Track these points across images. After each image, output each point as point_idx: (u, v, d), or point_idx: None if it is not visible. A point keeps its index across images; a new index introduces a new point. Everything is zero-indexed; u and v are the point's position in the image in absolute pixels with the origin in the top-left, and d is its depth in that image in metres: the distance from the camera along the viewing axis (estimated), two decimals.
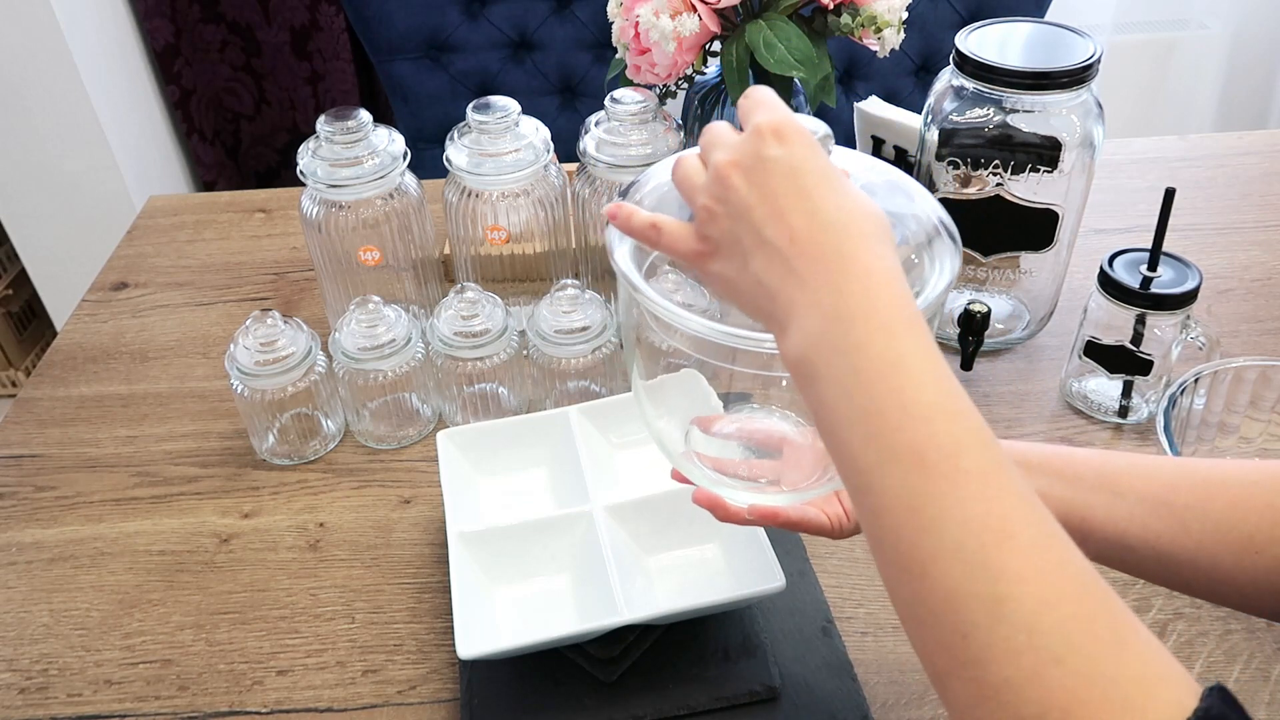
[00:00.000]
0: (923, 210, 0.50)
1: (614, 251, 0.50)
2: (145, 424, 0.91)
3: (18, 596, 0.76)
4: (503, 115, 0.85)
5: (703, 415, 0.60)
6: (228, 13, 1.73)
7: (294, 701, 0.68)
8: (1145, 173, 1.18)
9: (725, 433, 0.61)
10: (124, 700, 0.68)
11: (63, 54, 1.52)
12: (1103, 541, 0.50)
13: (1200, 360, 0.77)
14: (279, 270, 1.10)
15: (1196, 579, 0.49)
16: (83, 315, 1.05)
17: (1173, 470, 0.50)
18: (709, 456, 0.60)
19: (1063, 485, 0.50)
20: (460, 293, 0.82)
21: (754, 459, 0.60)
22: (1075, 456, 0.52)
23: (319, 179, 0.84)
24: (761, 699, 0.65)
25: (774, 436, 0.60)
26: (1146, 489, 0.49)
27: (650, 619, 0.63)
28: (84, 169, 1.62)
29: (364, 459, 0.86)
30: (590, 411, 0.78)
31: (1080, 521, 0.50)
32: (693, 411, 0.60)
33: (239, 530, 0.80)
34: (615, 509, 0.70)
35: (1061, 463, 0.51)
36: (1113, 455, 0.52)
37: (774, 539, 0.67)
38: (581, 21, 1.56)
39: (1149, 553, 0.49)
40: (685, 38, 0.90)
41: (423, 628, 0.72)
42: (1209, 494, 0.48)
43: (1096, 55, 0.79)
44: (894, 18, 0.89)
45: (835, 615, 0.70)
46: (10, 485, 0.85)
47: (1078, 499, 0.50)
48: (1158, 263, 0.79)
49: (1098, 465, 0.51)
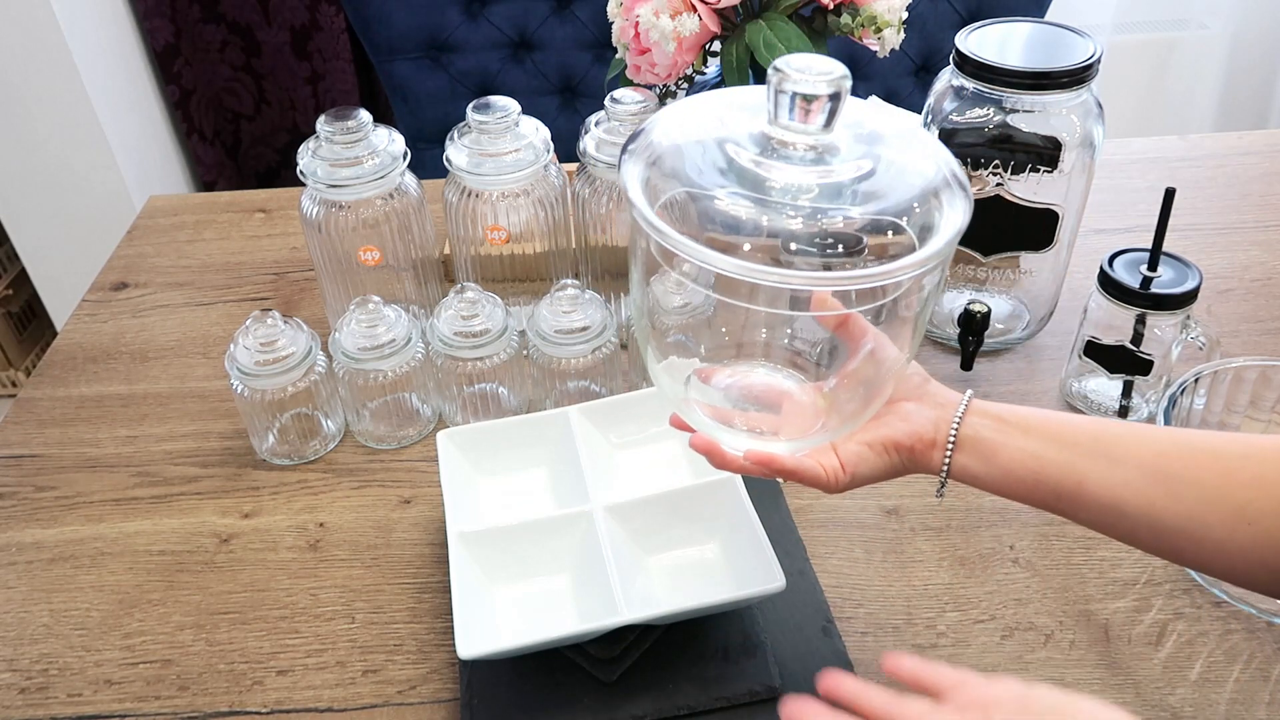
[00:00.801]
0: (935, 158, 0.51)
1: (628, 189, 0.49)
2: (145, 424, 0.91)
3: (18, 596, 0.76)
4: (503, 115, 0.85)
5: (703, 366, 0.60)
6: (228, 13, 1.73)
7: (294, 701, 0.68)
8: (1145, 173, 1.18)
9: (724, 385, 0.60)
10: (124, 700, 0.68)
11: (63, 54, 1.52)
12: (1097, 507, 0.51)
13: (1200, 360, 0.77)
14: (279, 270, 1.10)
15: (1187, 548, 0.49)
16: (83, 315, 1.05)
17: (1167, 439, 0.50)
18: (708, 405, 0.59)
19: (1059, 449, 0.52)
20: (460, 293, 0.82)
21: (753, 411, 0.60)
22: (1073, 421, 0.53)
23: (319, 179, 0.84)
24: (761, 699, 0.65)
25: (773, 391, 0.60)
26: (1142, 456, 0.50)
27: (650, 619, 0.63)
28: (84, 169, 1.62)
29: (364, 459, 0.86)
30: (590, 411, 0.78)
31: (1076, 485, 0.51)
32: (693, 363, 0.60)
33: (239, 530, 0.80)
34: (615, 509, 0.70)
35: (1059, 427, 0.52)
36: (1110, 422, 0.53)
37: (774, 539, 0.67)
38: (581, 21, 1.56)
39: (1142, 519, 0.50)
40: (685, 38, 0.90)
41: (423, 628, 0.72)
42: (1202, 463, 0.49)
43: (1096, 55, 0.79)
44: (894, 18, 0.89)
45: (835, 615, 0.70)
46: (10, 485, 0.85)
47: (1075, 463, 0.51)
48: (1158, 263, 0.79)
49: (1095, 431, 0.52)
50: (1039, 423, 0.53)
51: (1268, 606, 0.68)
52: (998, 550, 0.75)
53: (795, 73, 0.48)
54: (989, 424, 0.54)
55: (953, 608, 0.71)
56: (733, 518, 0.70)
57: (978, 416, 0.55)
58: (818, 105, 0.48)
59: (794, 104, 0.48)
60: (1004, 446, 0.53)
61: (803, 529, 0.77)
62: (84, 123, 1.58)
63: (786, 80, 0.48)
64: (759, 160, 0.50)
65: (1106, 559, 0.74)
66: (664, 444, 0.79)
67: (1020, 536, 0.76)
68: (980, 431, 0.54)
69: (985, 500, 0.79)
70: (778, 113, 0.49)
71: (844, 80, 0.48)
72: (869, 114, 0.52)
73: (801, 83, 0.48)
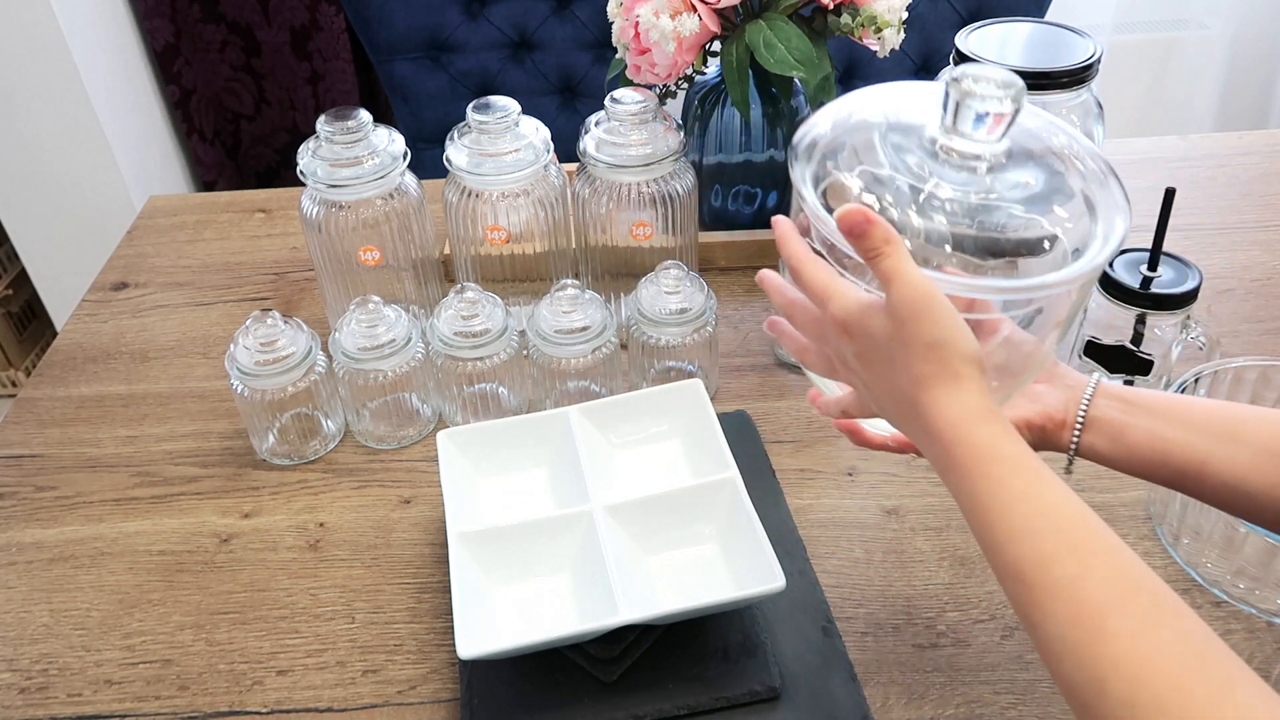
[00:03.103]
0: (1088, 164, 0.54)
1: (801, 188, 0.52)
2: (145, 424, 0.91)
3: (18, 596, 0.76)
4: (503, 115, 0.85)
5: None
6: (228, 13, 1.73)
7: (294, 701, 0.68)
8: (1145, 173, 1.18)
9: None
10: (124, 700, 0.68)
11: (63, 54, 1.51)
12: (1220, 487, 0.52)
13: (1200, 360, 0.77)
14: (279, 270, 1.10)
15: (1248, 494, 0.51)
16: (83, 315, 1.05)
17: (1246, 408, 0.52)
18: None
19: (1184, 430, 0.53)
20: (460, 293, 0.82)
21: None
22: (1198, 404, 0.54)
23: (319, 179, 0.84)
24: (762, 699, 0.65)
25: None
26: (1268, 438, 0.51)
27: (650, 619, 0.63)
28: (84, 169, 1.62)
29: (364, 459, 0.86)
30: (590, 411, 0.78)
31: (1200, 466, 0.52)
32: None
33: (239, 530, 0.80)
34: (615, 509, 0.70)
35: (1185, 409, 0.54)
36: (1233, 405, 0.55)
37: (774, 539, 0.67)
38: (581, 21, 1.55)
39: (1267, 500, 0.51)
40: (685, 38, 0.90)
41: (423, 628, 0.72)
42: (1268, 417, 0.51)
43: (1096, 55, 0.79)
44: (894, 18, 0.89)
45: (835, 615, 0.70)
46: (10, 485, 0.85)
47: (1199, 445, 0.52)
48: (1158, 263, 0.79)
49: (1219, 412, 0.53)
50: (1165, 405, 0.54)
51: (1267, 606, 0.68)
52: None
53: (978, 86, 0.49)
54: (1116, 405, 0.56)
55: (953, 608, 0.71)
56: (733, 518, 0.70)
57: (1105, 398, 0.57)
58: (999, 120, 0.49)
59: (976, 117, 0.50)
60: (1130, 427, 0.55)
61: (803, 529, 0.77)
62: (84, 123, 1.58)
63: (970, 97, 0.49)
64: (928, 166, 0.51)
65: None
66: (664, 444, 0.79)
67: None
68: (1107, 412, 0.56)
69: None
70: (957, 123, 0.50)
71: (1023, 94, 0.49)
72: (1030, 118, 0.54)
73: (987, 100, 0.49)
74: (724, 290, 1.02)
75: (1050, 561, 0.43)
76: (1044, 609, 0.42)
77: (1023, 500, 0.45)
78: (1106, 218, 0.51)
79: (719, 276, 1.04)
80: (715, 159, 1.03)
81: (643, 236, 0.88)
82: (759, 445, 0.84)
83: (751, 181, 1.04)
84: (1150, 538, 0.75)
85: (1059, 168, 0.53)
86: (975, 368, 0.47)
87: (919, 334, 0.47)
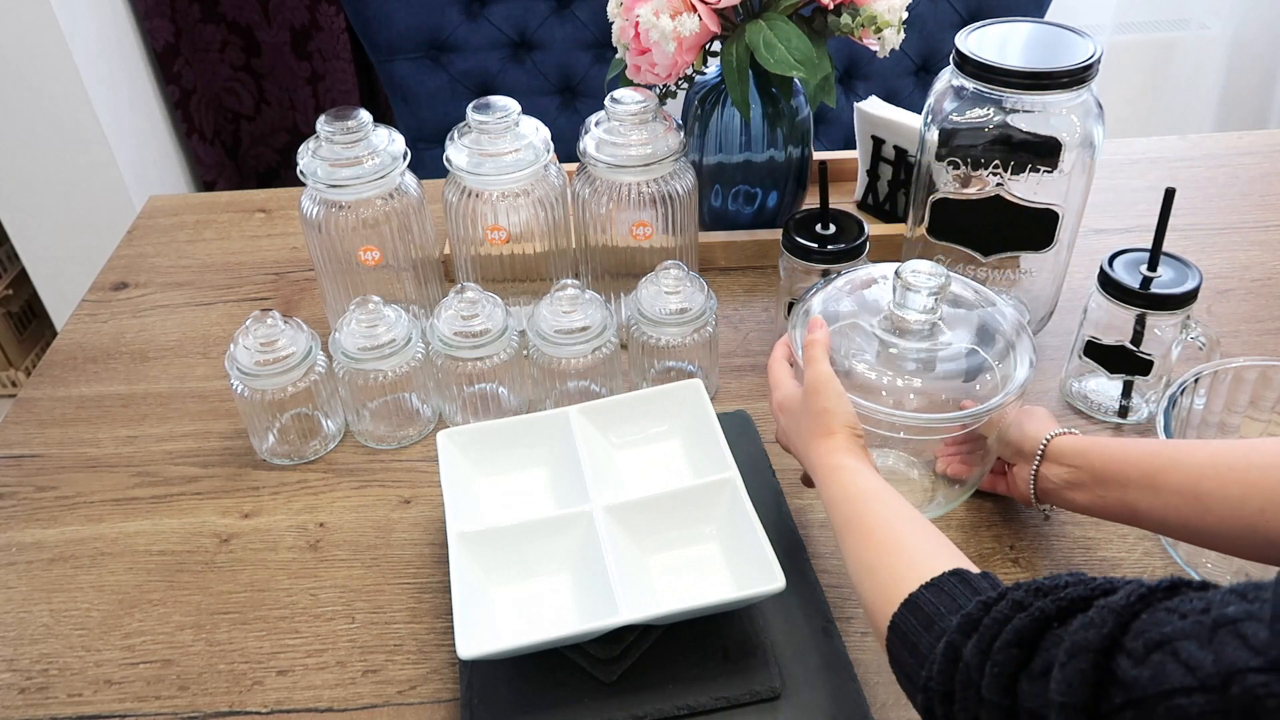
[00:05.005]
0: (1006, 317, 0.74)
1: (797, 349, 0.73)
2: (145, 424, 0.91)
3: (18, 596, 0.76)
4: (503, 115, 0.85)
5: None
6: (228, 13, 1.73)
7: (294, 701, 0.68)
8: (1145, 173, 1.18)
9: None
10: (124, 700, 0.68)
11: (63, 54, 1.52)
12: (1151, 525, 0.64)
13: (1200, 360, 0.77)
14: (279, 270, 1.10)
15: (1219, 545, 0.60)
16: (83, 315, 1.05)
17: (1205, 459, 0.60)
18: None
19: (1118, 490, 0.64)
20: (460, 293, 0.82)
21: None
22: (1127, 459, 0.64)
23: (319, 179, 0.84)
24: (762, 699, 0.65)
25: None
26: (1181, 483, 0.60)
27: (650, 619, 0.63)
28: (84, 169, 1.62)
29: (364, 459, 0.86)
30: (590, 411, 0.78)
31: (1131, 514, 0.64)
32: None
33: (239, 530, 0.80)
34: (615, 509, 0.70)
35: (1118, 469, 0.64)
36: (1156, 451, 0.63)
37: (774, 539, 0.67)
38: (581, 21, 1.55)
39: (1183, 531, 0.62)
40: (685, 38, 0.90)
41: (423, 628, 0.72)
42: (1227, 479, 0.58)
43: (1096, 55, 0.79)
44: (894, 18, 0.89)
45: (835, 615, 0.70)
46: (10, 485, 0.85)
47: (1126, 497, 0.64)
48: (1158, 263, 0.79)
49: (1145, 465, 0.63)
50: (1101, 467, 0.66)
51: None
52: (998, 550, 0.75)
53: (914, 277, 0.71)
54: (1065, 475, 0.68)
55: None
56: (733, 518, 0.70)
57: (1054, 467, 0.69)
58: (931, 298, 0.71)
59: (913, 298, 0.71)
60: (1073, 502, 0.69)
61: (803, 529, 0.77)
62: (84, 123, 1.58)
63: (910, 286, 0.71)
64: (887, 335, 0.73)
65: (1107, 559, 0.74)
66: (664, 444, 0.79)
67: (1020, 536, 0.76)
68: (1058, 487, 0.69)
69: (985, 500, 0.79)
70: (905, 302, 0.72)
71: (947, 280, 0.71)
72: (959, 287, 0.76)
73: (921, 286, 0.71)
74: (724, 290, 1.02)
75: (854, 519, 0.61)
76: (846, 546, 0.60)
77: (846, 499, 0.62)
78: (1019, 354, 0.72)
79: (719, 276, 1.04)
80: (715, 159, 1.03)
81: (643, 236, 0.88)
82: (759, 445, 0.84)
83: (751, 181, 1.04)
84: (1151, 538, 0.75)
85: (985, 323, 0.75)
86: (848, 429, 0.65)
87: (814, 404, 0.66)
